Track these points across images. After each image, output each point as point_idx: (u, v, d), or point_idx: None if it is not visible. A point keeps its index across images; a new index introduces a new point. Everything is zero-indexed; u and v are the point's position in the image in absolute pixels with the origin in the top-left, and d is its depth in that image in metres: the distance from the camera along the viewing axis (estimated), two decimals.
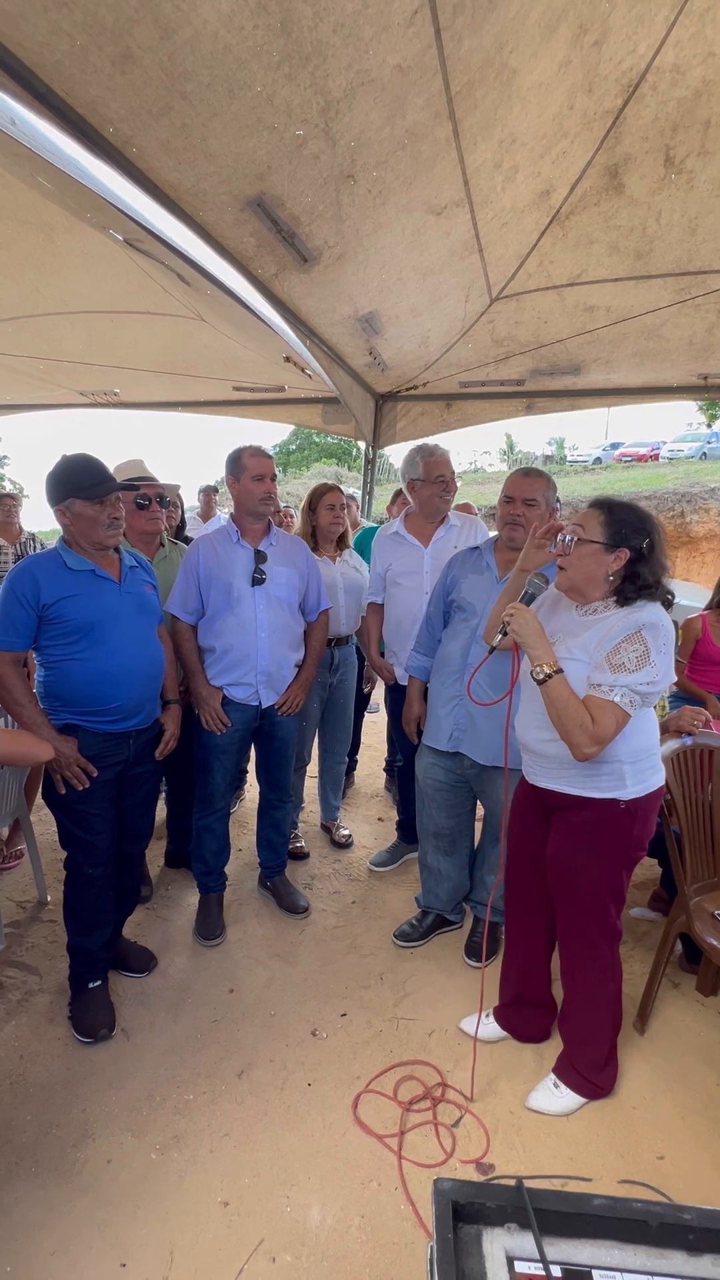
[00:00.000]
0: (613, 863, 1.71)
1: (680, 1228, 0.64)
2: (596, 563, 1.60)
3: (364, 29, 1.42)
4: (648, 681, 1.52)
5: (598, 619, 1.63)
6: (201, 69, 1.43)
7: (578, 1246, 0.66)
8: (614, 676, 1.53)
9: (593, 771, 1.65)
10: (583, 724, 1.52)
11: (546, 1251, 0.65)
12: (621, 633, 1.55)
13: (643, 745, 1.66)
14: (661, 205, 2.31)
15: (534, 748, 1.73)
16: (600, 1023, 1.82)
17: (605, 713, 1.52)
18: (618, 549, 1.58)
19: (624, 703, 1.52)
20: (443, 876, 2.46)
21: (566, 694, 1.55)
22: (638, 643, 1.53)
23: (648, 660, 1.52)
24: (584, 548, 1.61)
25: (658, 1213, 0.65)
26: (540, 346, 3.58)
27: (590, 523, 1.62)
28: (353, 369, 3.89)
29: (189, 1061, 1.94)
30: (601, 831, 1.68)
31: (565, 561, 1.65)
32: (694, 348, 3.46)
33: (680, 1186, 1.61)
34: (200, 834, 2.52)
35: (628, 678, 1.52)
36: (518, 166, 2.11)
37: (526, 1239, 0.65)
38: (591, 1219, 0.67)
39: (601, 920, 1.75)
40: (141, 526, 2.46)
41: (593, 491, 14.79)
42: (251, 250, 2.26)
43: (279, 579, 2.36)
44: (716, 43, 1.71)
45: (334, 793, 3.30)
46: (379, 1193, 1.58)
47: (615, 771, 1.64)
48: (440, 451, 2.63)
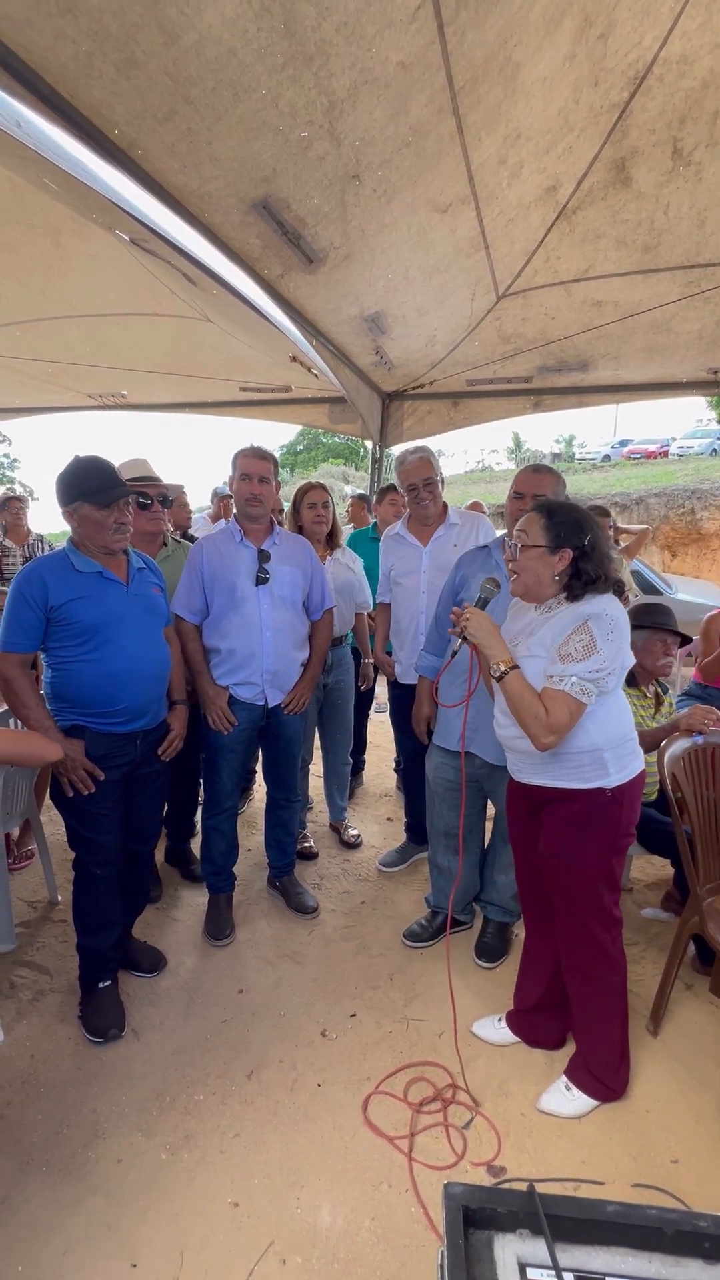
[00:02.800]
0: (603, 851, 1.73)
1: (696, 1235, 0.63)
2: (543, 565, 1.67)
3: (366, 27, 1.41)
4: (595, 669, 1.57)
5: (552, 615, 1.69)
6: (206, 74, 1.43)
7: (591, 1253, 0.65)
8: (564, 667, 1.58)
9: (576, 763, 1.67)
10: (536, 715, 1.58)
11: (561, 1258, 0.64)
12: (570, 625, 1.61)
13: (620, 732, 1.71)
14: (669, 198, 2.28)
15: (511, 744, 1.78)
16: (609, 1019, 1.81)
17: (557, 702, 1.58)
18: (560, 549, 1.65)
19: (575, 691, 1.57)
20: (453, 876, 2.45)
21: (521, 688, 1.61)
22: (584, 633, 1.59)
23: (594, 649, 1.57)
24: (529, 552, 1.68)
25: (673, 1220, 0.64)
26: (548, 343, 3.55)
27: (533, 528, 1.68)
28: (359, 368, 3.88)
29: (199, 1062, 1.95)
30: (590, 822, 1.70)
31: (515, 567, 1.71)
32: (704, 341, 3.42)
33: (694, 1191, 1.59)
34: (208, 834, 2.52)
35: (576, 667, 1.57)
36: (523, 162, 2.09)
37: (539, 1245, 0.64)
38: (605, 1225, 0.66)
39: (598, 910, 1.76)
40: (143, 527, 2.46)
41: (601, 489, 14.71)
42: (257, 251, 2.26)
43: (283, 578, 2.36)
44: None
45: (340, 793, 3.30)
46: (389, 1195, 1.58)
47: (597, 760, 1.67)
48: (411, 459, 2.66)
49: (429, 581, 2.67)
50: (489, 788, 2.30)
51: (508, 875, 2.35)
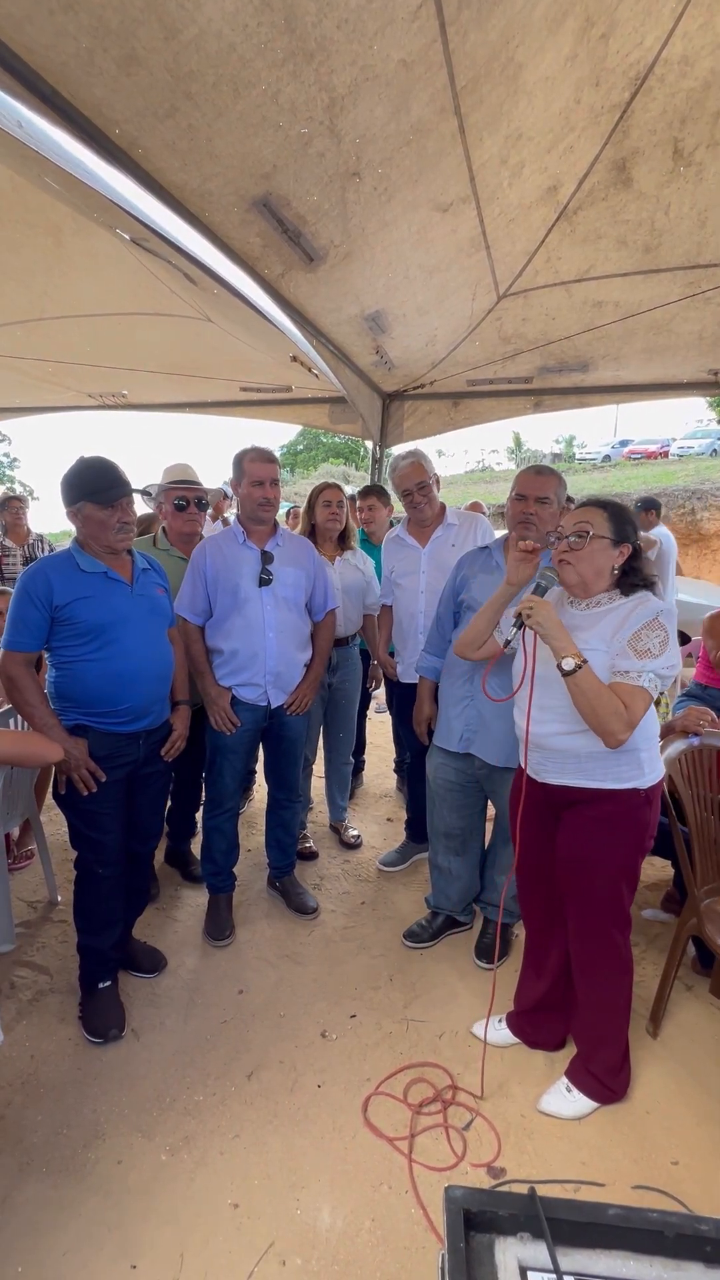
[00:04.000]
0: (631, 852, 1.73)
1: (698, 1239, 0.63)
2: (606, 557, 1.66)
3: (368, 24, 1.41)
4: (669, 665, 1.58)
5: (605, 610, 1.67)
6: (206, 69, 1.42)
7: (592, 1257, 0.64)
8: (641, 662, 1.57)
9: (615, 762, 1.66)
10: (617, 711, 1.55)
11: (563, 1262, 0.64)
12: (640, 620, 1.60)
13: (653, 732, 1.73)
14: (670, 198, 2.28)
15: (552, 744, 1.72)
16: (615, 1020, 1.81)
17: (637, 698, 1.57)
18: (622, 544, 1.66)
19: (651, 687, 1.58)
20: (454, 877, 2.45)
21: (597, 683, 1.57)
22: (658, 629, 1.58)
23: (668, 645, 1.58)
24: (596, 543, 1.66)
25: (674, 1223, 0.64)
26: (548, 344, 3.55)
27: (597, 519, 1.67)
28: (359, 368, 3.88)
29: (199, 1062, 1.94)
30: (623, 823, 1.69)
31: (574, 557, 1.68)
32: (704, 342, 3.42)
33: (695, 1192, 1.59)
34: (209, 834, 2.52)
35: (654, 663, 1.57)
36: (524, 162, 2.09)
37: (540, 1249, 0.64)
38: (606, 1229, 0.65)
39: (617, 911, 1.76)
40: (180, 528, 2.59)
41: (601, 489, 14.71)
42: (258, 250, 2.26)
43: (286, 579, 2.36)
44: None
45: (341, 794, 3.30)
46: (389, 1196, 1.57)
47: (634, 760, 1.67)
48: (404, 464, 2.68)
49: (428, 582, 2.67)
50: (490, 788, 2.29)
51: (508, 876, 2.34)
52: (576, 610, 1.72)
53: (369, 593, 3.04)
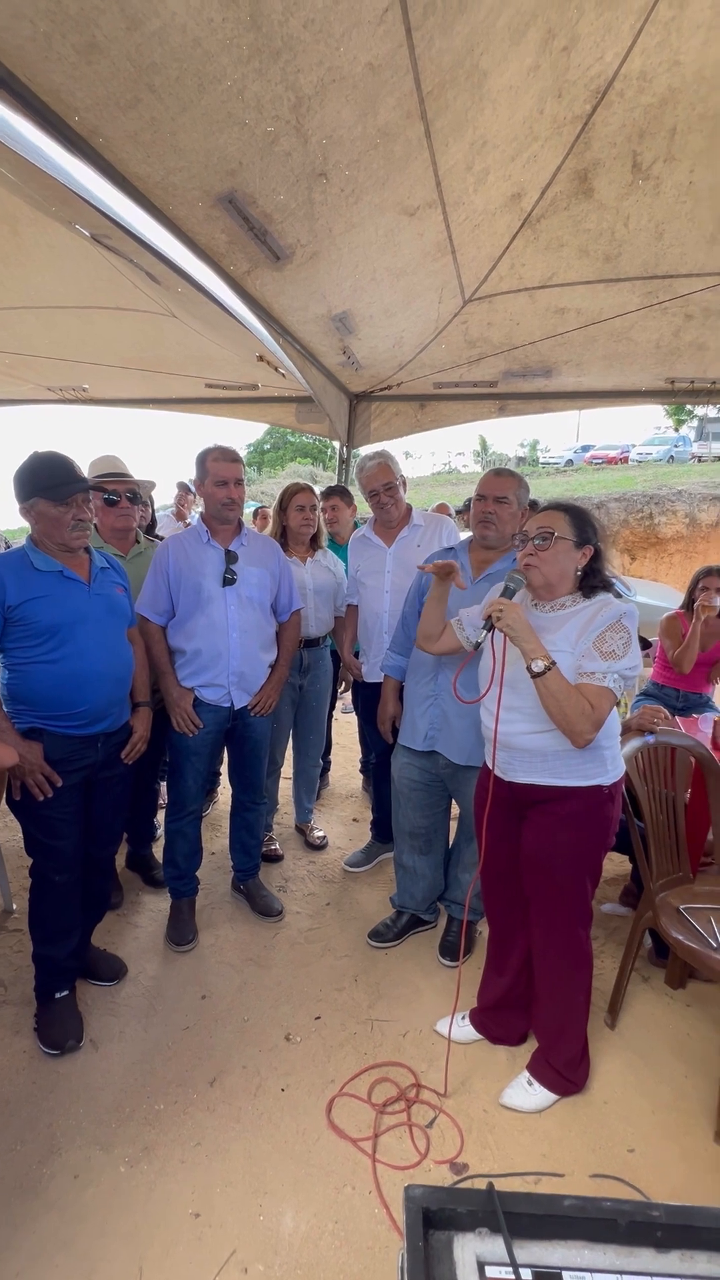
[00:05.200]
0: (595, 846, 1.77)
1: (649, 1225, 0.65)
2: (569, 559, 1.70)
3: (334, 25, 1.41)
4: (632, 666, 1.61)
5: (569, 612, 1.70)
6: (170, 62, 1.40)
7: (549, 1248, 0.66)
8: (606, 664, 1.60)
9: (581, 760, 1.69)
10: (585, 711, 1.59)
11: (518, 1254, 0.65)
12: (605, 622, 1.63)
13: (615, 730, 1.77)
14: (629, 210, 2.34)
15: (519, 743, 1.74)
16: (575, 1014, 1.85)
17: (603, 698, 1.60)
18: (584, 545, 1.70)
19: (616, 687, 1.61)
20: (419, 875, 2.47)
21: (566, 685, 1.60)
22: (622, 631, 1.62)
23: (631, 646, 1.61)
24: (560, 545, 1.69)
25: (627, 1211, 0.65)
26: (512, 348, 3.60)
27: (559, 523, 1.70)
28: (326, 368, 3.87)
29: (159, 1071, 1.91)
30: (587, 819, 1.72)
31: (538, 560, 1.70)
32: (661, 351, 3.52)
33: (650, 1178, 1.63)
34: (172, 838, 2.48)
35: (618, 664, 1.60)
36: (489, 169, 2.11)
37: (497, 1243, 0.65)
38: (562, 1220, 0.67)
39: (580, 907, 1.79)
40: (111, 523, 2.44)
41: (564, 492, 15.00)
42: (223, 247, 2.23)
43: (250, 579, 2.34)
44: (682, 51, 1.74)
45: (307, 795, 3.28)
46: (353, 1197, 1.57)
47: (598, 757, 1.71)
48: (370, 465, 2.69)
49: (393, 582, 2.69)
50: (454, 787, 2.31)
51: (472, 874, 2.37)
52: (541, 612, 1.75)
53: (340, 594, 3.04)
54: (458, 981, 2.02)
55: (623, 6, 1.63)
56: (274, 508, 2.95)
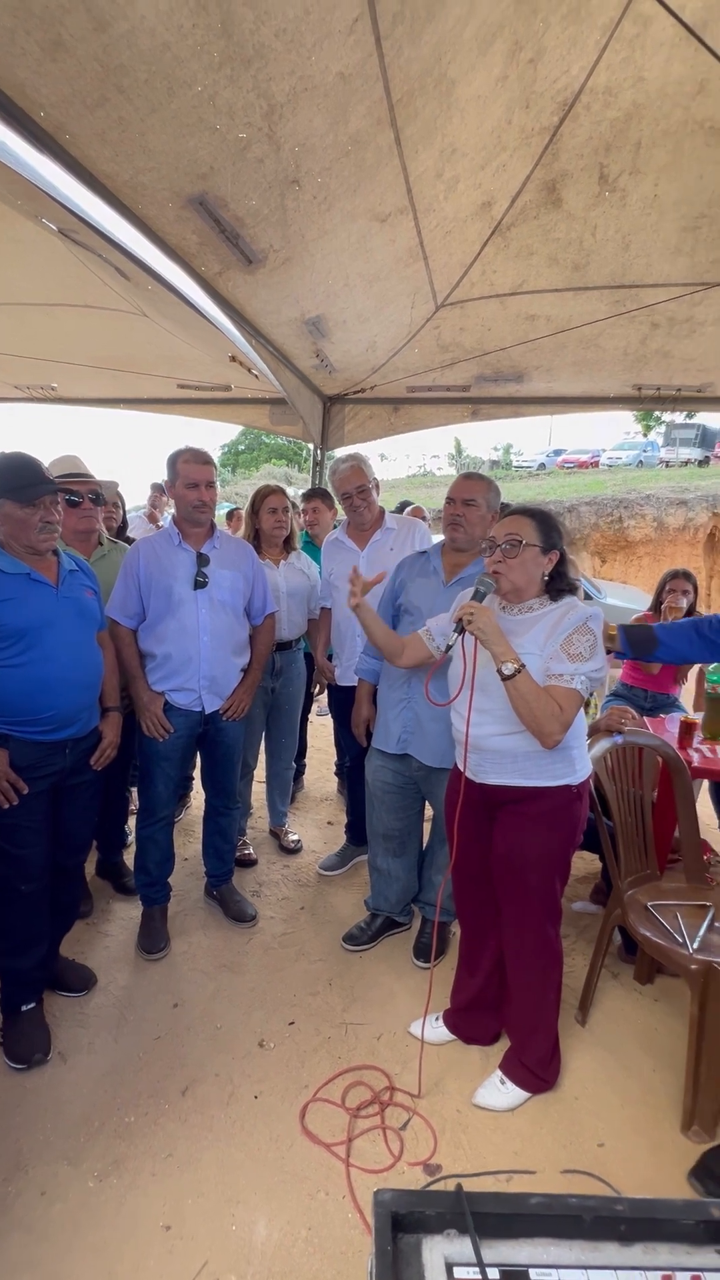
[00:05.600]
0: (565, 845, 1.80)
1: (613, 1219, 0.66)
2: (536, 564, 1.72)
3: (306, 35, 1.41)
4: (598, 668, 1.64)
5: (537, 615, 1.73)
6: (138, 64, 1.39)
7: (516, 1246, 0.66)
8: (574, 666, 1.63)
9: (550, 760, 1.72)
10: (554, 713, 1.61)
11: (486, 1254, 0.66)
12: (572, 625, 1.66)
13: (582, 730, 1.79)
14: (597, 220, 2.39)
15: (490, 745, 1.76)
16: (546, 1011, 1.87)
17: (571, 700, 1.62)
18: (551, 550, 1.72)
19: (583, 689, 1.63)
20: (392, 878, 2.47)
21: (535, 687, 1.62)
22: (588, 633, 1.65)
23: (597, 648, 1.64)
24: (527, 551, 1.71)
25: (592, 1206, 0.67)
26: (484, 354, 3.64)
27: (524, 528, 1.72)
28: (300, 371, 3.87)
29: (130, 1082, 1.88)
30: (557, 818, 1.75)
31: (505, 566, 1.73)
32: (628, 358, 3.59)
33: (619, 1172, 1.66)
34: (143, 844, 2.45)
35: (585, 666, 1.63)
36: (459, 177, 2.14)
37: (465, 1244, 0.66)
38: (529, 1218, 0.67)
39: (550, 905, 1.82)
40: (74, 525, 2.39)
41: (536, 496, 15.21)
42: (194, 247, 2.22)
43: (222, 582, 2.33)
44: (645, 68, 1.78)
45: (282, 799, 3.27)
46: (326, 1202, 1.57)
47: (567, 757, 1.73)
48: (343, 468, 2.70)
49: None
50: (427, 789, 2.33)
51: (446, 875, 2.39)
52: (509, 616, 1.77)
53: (314, 596, 3.04)
54: (429, 983, 2.03)
55: (588, 22, 1.66)
56: (246, 510, 2.94)
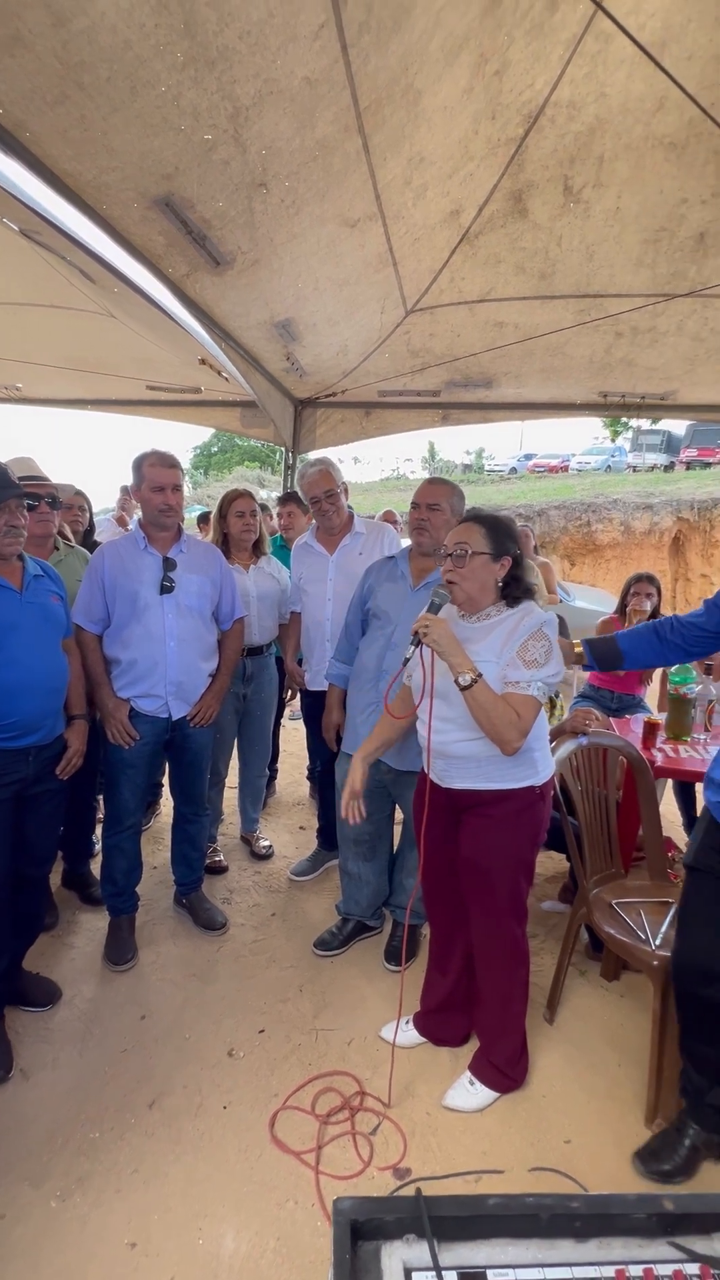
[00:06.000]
0: (528, 845, 1.82)
1: (568, 1217, 0.67)
2: (488, 572, 1.72)
3: (270, 39, 1.41)
4: (554, 673, 1.66)
5: (494, 623, 1.74)
6: (99, 62, 1.37)
7: (474, 1248, 0.67)
8: (530, 672, 1.64)
9: (513, 763, 1.73)
10: (512, 720, 1.62)
11: (445, 1257, 0.66)
12: (527, 632, 1.67)
13: (544, 731, 1.81)
14: (562, 231, 2.43)
15: (453, 751, 1.77)
16: (514, 1010, 1.89)
17: (528, 706, 1.64)
18: (502, 557, 1.72)
19: (539, 695, 1.64)
20: (363, 882, 2.47)
21: (492, 695, 1.63)
22: (543, 639, 1.66)
23: (552, 654, 1.65)
24: (477, 560, 1.71)
25: (548, 1205, 0.67)
26: (454, 359, 3.68)
27: (474, 536, 1.72)
28: (270, 374, 3.86)
29: (95, 1097, 1.84)
30: (520, 819, 1.77)
31: (458, 575, 1.72)
32: (594, 366, 3.66)
33: (585, 1168, 1.68)
34: (109, 853, 2.40)
35: (540, 672, 1.64)
36: (427, 185, 2.16)
37: (425, 1248, 0.66)
38: (487, 1219, 0.68)
39: (515, 905, 1.84)
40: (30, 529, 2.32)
41: (508, 500, 15.40)
42: (161, 249, 2.20)
43: (189, 587, 2.30)
44: (607, 84, 1.82)
45: (253, 805, 3.25)
46: (295, 1211, 1.56)
47: (529, 760, 1.75)
48: (311, 472, 2.69)
49: (335, 590, 2.70)
50: (396, 793, 2.33)
51: (415, 878, 2.39)
52: (467, 623, 1.78)
53: (285, 601, 3.03)
54: (400, 987, 2.04)
55: (551, 37, 1.70)
56: (214, 514, 2.92)
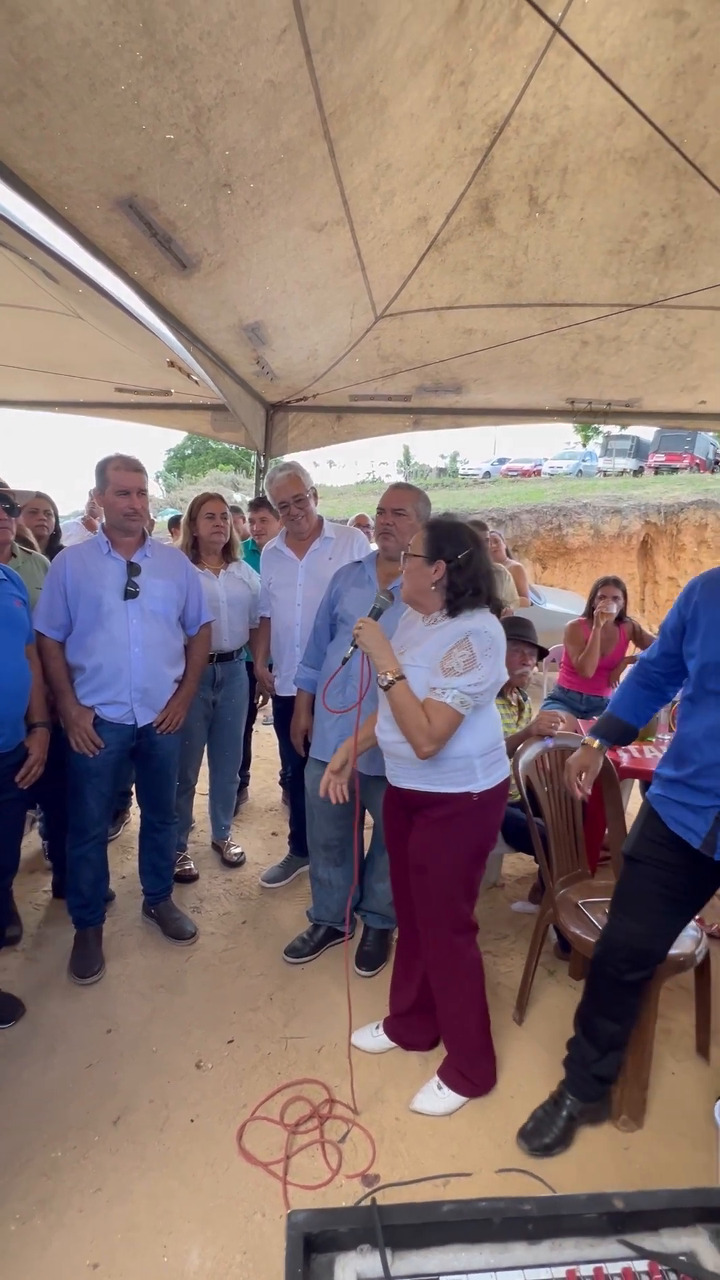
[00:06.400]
0: (465, 853, 1.80)
1: (520, 1219, 0.67)
2: (421, 575, 1.73)
3: (231, 40, 1.41)
4: (475, 683, 1.64)
5: (437, 628, 1.76)
6: (57, 59, 1.35)
7: (427, 1256, 0.67)
8: (446, 680, 1.64)
9: (450, 767, 1.74)
10: (420, 725, 1.63)
11: (400, 1265, 0.66)
12: (451, 640, 1.68)
13: (490, 741, 1.79)
14: (528, 240, 2.46)
15: (395, 750, 1.80)
16: (469, 1020, 1.88)
17: (439, 714, 1.63)
18: (435, 561, 1.71)
19: (455, 704, 1.63)
20: (333, 887, 2.46)
21: (406, 698, 1.65)
22: (465, 648, 1.65)
23: (474, 664, 1.64)
24: (411, 561, 1.75)
25: (501, 1208, 0.67)
26: (424, 365, 3.71)
27: (416, 539, 1.76)
28: (241, 377, 3.84)
29: (59, 1115, 1.80)
30: (457, 824, 1.77)
31: (403, 576, 1.78)
32: (561, 373, 3.72)
33: (553, 1167, 1.69)
34: (75, 864, 2.35)
35: (457, 680, 1.63)
36: (394, 191, 2.17)
37: (378, 1258, 0.65)
38: (441, 1226, 0.68)
39: (453, 914, 1.82)
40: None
41: (481, 504, 15.56)
42: (125, 251, 2.18)
43: (154, 592, 2.27)
44: (570, 97, 1.85)
45: (225, 812, 3.21)
46: (263, 1224, 1.54)
47: (467, 767, 1.74)
48: (280, 477, 2.70)
49: (305, 595, 2.69)
50: (365, 798, 2.33)
51: (386, 883, 2.39)
52: (424, 626, 1.80)
53: (256, 605, 3.01)
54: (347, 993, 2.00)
55: (515, 50, 1.72)
56: (184, 518, 2.89)
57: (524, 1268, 0.64)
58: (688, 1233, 0.68)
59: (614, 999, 1.73)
